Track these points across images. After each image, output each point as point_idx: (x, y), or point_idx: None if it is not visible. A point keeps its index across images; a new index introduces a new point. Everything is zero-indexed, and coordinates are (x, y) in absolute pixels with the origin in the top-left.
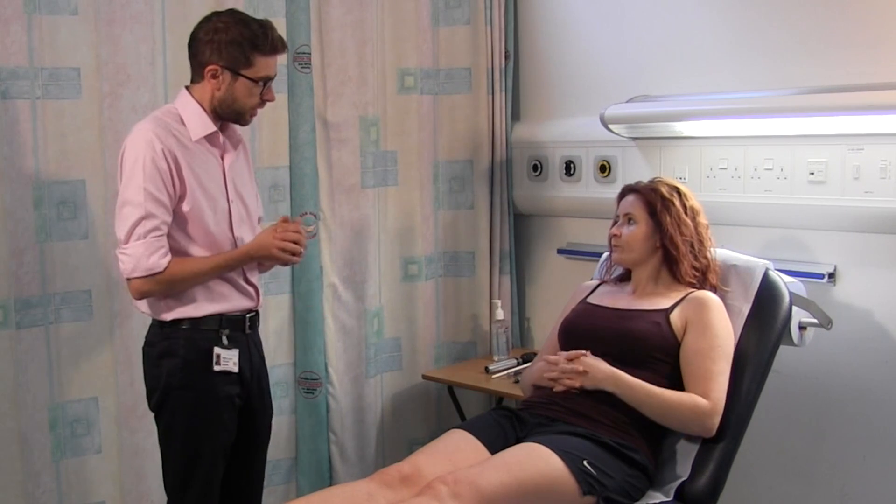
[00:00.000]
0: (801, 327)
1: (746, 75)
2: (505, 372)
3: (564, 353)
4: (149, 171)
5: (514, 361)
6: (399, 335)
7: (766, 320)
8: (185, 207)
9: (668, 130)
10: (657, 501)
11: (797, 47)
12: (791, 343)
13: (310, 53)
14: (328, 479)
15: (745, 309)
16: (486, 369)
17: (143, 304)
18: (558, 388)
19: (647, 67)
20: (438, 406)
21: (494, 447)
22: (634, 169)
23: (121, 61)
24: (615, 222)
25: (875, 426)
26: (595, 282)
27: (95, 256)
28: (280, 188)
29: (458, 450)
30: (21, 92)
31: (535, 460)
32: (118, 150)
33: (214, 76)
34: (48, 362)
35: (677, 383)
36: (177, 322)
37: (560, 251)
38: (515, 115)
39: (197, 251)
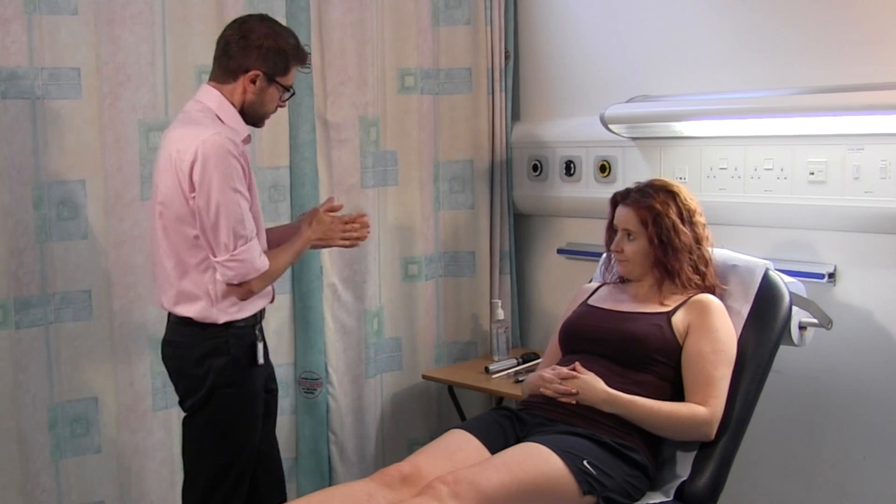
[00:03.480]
0: (801, 327)
1: (746, 75)
2: (505, 372)
3: (557, 371)
4: (236, 175)
5: (514, 361)
6: (399, 335)
7: (766, 320)
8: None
9: (668, 130)
10: (657, 501)
11: (797, 47)
12: (791, 343)
13: (310, 53)
14: (328, 479)
15: (745, 309)
16: (486, 369)
17: (194, 311)
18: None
19: (647, 67)
20: (438, 406)
21: (494, 447)
22: (634, 169)
23: (121, 61)
24: (610, 223)
25: (875, 426)
26: (596, 284)
27: (95, 256)
28: (280, 188)
29: (458, 450)
30: (21, 92)
31: (536, 460)
32: (118, 150)
33: (253, 81)
34: (48, 362)
35: (679, 386)
36: (223, 324)
37: (560, 251)
38: (515, 115)
39: None
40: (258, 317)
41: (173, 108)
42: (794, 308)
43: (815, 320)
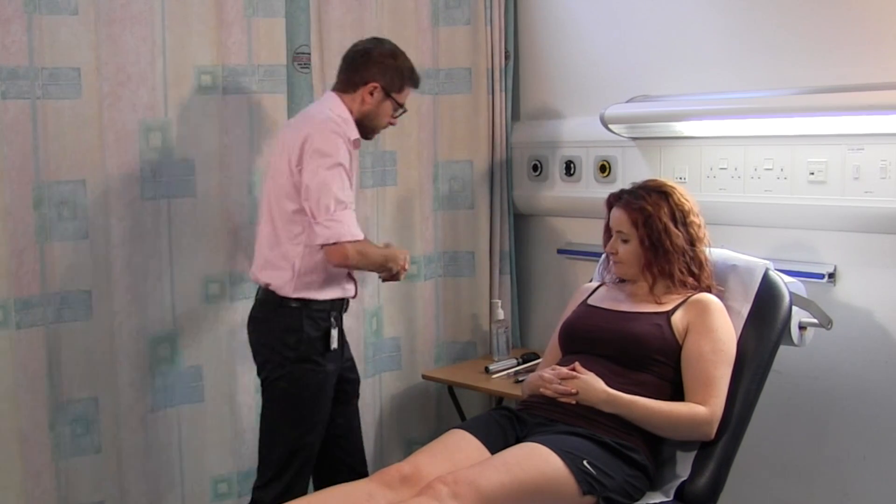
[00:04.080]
0: (801, 327)
1: (746, 75)
2: (505, 372)
3: (557, 371)
4: (342, 151)
5: (514, 361)
6: (398, 335)
7: (766, 320)
8: None
9: (668, 130)
10: (657, 501)
11: (797, 47)
12: (791, 343)
13: (309, 53)
14: None
15: (745, 309)
16: (486, 369)
17: (273, 278)
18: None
19: (647, 67)
20: (438, 406)
21: (494, 447)
22: (634, 169)
23: (121, 61)
24: (607, 225)
25: (875, 426)
26: (596, 283)
27: (95, 256)
28: None
29: (458, 450)
30: (21, 92)
31: (535, 460)
32: (118, 150)
33: (371, 93)
34: (48, 362)
35: (679, 386)
36: (296, 300)
37: (560, 251)
38: (515, 115)
39: None
40: (336, 305)
41: (173, 108)
42: (794, 308)
43: (815, 320)
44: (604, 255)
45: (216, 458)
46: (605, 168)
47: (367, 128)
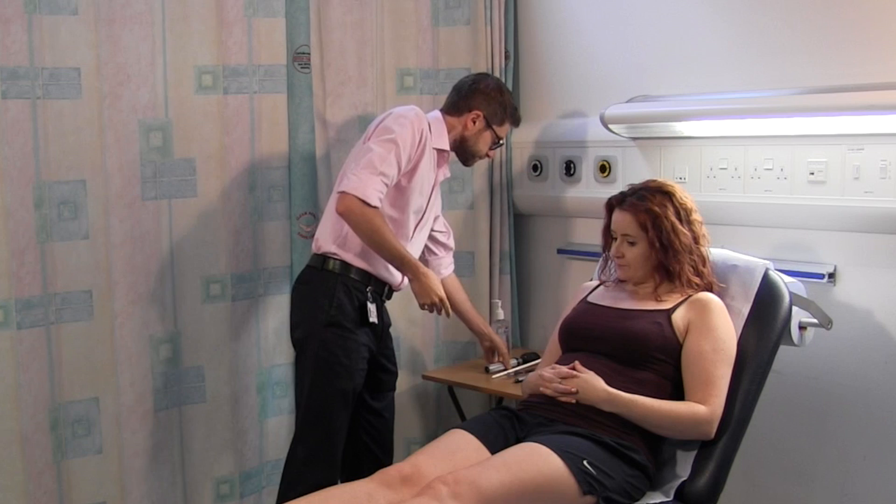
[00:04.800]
0: (801, 327)
1: (746, 75)
2: (505, 372)
3: (557, 371)
4: (406, 135)
5: (515, 361)
6: (398, 335)
7: (766, 320)
8: (404, 182)
9: (668, 130)
10: (657, 501)
11: (797, 47)
12: (791, 343)
13: (309, 53)
14: None
15: (745, 309)
16: (486, 369)
17: (321, 233)
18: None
19: (647, 67)
20: (438, 406)
21: (494, 447)
22: (634, 169)
23: (121, 61)
24: (606, 228)
25: (875, 426)
26: (596, 282)
27: (96, 256)
28: (279, 188)
29: (458, 450)
30: (21, 92)
31: (536, 460)
32: (118, 150)
33: (474, 120)
34: (49, 363)
35: (679, 384)
36: (334, 262)
37: (560, 251)
38: None
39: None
40: (376, 283)
41: (173, 108)
42: (794, 308)
43: (815, 320)
44: (602, 257)
45: (218, 458)
46: (605, 168)
47: (465, 152)
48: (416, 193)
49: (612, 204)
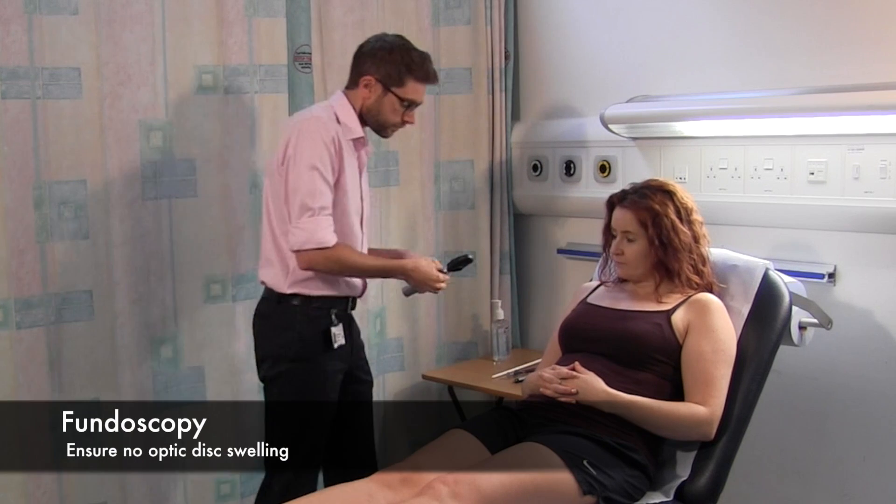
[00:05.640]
0: (801, 327)
1: (746, 75)
2: (505, 372)
3: (557, 371)
4: (319, 152)
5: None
6: (401, 335)
7: (766, 320)
8: (337, 194)
9: (668, 130)
10: (657, 501)
11: (797, 47)
12: (791, 343)
13: (310, 53)
14: None
15: (745, 309)
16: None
17: (268, 276)
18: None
19: (647, 67)
20: (438, 406)
21: (494, 447)
22: (634, 169)
23: (121, 61)
24: (607, 226)
25: (875, 426)
26: (596, 282)
27: (96, 256)
28: None
29: (458, 450)
30: (21, 92)
31: (536, 460)
32: (118, 150)
33: (367, 86)
34: (49, 363)
35: (679, 385)
36: (294, 297)
37: (560, 251)
38: (515, 115)
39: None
40: (339, 302)
41: (173, 108)
42: (794, 308)
43: (815, 320)
44: (602, 257)
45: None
46: (605, 168)
47: (373, 123)
48: (350, 195)
49: (613, 202)
